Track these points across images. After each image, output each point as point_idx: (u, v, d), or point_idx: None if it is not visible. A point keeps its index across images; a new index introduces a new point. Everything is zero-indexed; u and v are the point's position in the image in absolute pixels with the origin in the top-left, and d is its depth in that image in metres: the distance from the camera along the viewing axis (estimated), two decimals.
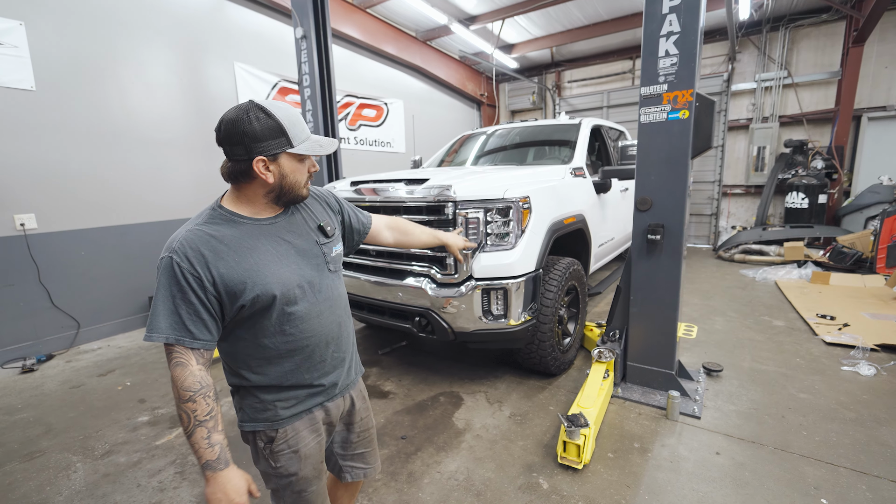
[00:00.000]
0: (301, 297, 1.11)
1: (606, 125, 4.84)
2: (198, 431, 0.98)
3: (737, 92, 7.56)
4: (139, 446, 2.46)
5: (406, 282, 2.73)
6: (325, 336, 1.17)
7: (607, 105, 8.67)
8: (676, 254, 2.59)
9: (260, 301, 1.04)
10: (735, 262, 6.54)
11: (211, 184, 4.97)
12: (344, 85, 6.53)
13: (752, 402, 2.67)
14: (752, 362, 3.20)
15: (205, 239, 1.02)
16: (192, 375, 1.00)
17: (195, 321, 1.00)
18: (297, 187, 1.12)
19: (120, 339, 4.19)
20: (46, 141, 3.80)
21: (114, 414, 2.81)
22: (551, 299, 2.80)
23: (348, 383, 1.30)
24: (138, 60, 4.32)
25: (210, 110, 4.93)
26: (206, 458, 0.98)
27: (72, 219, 3.99)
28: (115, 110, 4.18)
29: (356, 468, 1.40)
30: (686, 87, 2.41)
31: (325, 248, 1.20)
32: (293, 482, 1.18)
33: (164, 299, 0.99)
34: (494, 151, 4.45)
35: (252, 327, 1.07)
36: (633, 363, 2.84)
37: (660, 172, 2.55)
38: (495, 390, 2.94)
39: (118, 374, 3.42)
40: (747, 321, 4.03)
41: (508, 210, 2.57)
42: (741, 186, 7.77)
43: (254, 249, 1.06)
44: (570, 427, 2.11)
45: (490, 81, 9.71)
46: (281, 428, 1.14)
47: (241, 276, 1.02)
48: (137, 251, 4.41)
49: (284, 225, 1.14)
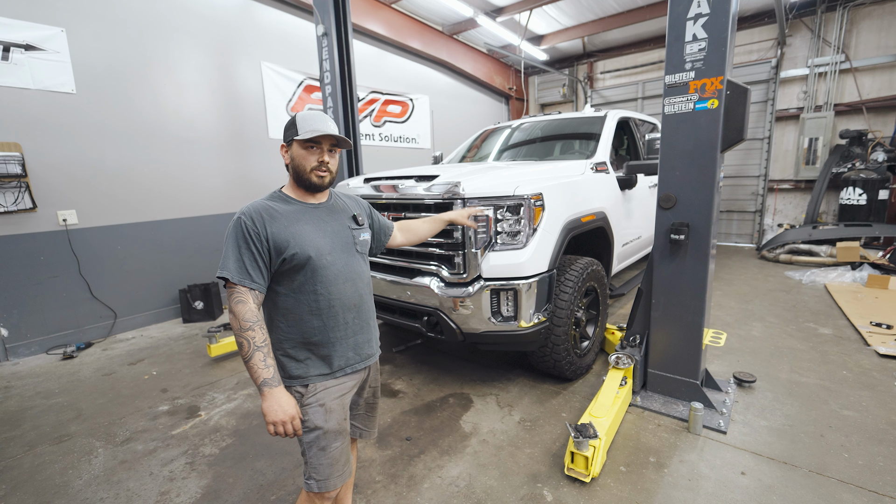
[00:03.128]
0: (331, 263, 1.36)
1: (636, 117, 4.60)
2: (256, 355, 1.23)
3: (786, 79, 6.99)
4: (156, 435, 2.56)
5: (415, 280, 2.69)
6: (348, 301, 1.39)
7: (642, 96, 8.29)
8: (703, 255, 2.40)
9: (297, 258, 1.30)
10: (780, 262, 6.12)
11: (239, 180, 5.12)
12: (369, 81, 6.55)
13: (786, 417, 2.45)
14: (790, 373, 2.95)
15: (265, 207, 1.34)
16: (251, 310, 1.25)
17: (255, 267, 1.28)
18: (303, 171, 1.36)
19: (153, 330, 4.40)
20: (86, 141, 4.02)
21: (138, 402, 2.95)
22: (567, 301, 2.69)
23: (370, 354, 1.50)
24: (170, 62, 4.48)
25: (238, 109, 5.06)
26: (263, 377, 1.22)
27: (109, 215, 4.21)
28: (148, 111, 4.37)
29: (354, 426, 1.61)
30: (715, 74, 2.22)
31: (354, 233, 1.46)
32: (319, 437, 1.34)
33: (232, 248, 1.28)
34: (517, 146, 4.33)
35: (291, 282, 1.33)
36: (654, 370, 2.68)
37: (685, 167, 2.37)
38: (507, 394, 2.86)
39: (146, 363, 3.59)
40: (789, 328, 3.73)
41: (519, 207, 2.47)
42: (789, 181, 7.21)
43: (298, 221, 1.35)
44: (578, 437, 2.00)
45: (519, 74, 9.49)
46: (311, 384, 1.36)
47: (286, 237, 1.30)
48: (169, 246, 4.61)
49: (326, 210, 1.43)
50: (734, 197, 7.60)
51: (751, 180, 7.43)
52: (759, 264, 6.15)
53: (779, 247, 6.30)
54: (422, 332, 2.75)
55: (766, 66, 7.02)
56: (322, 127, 1.34)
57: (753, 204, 7.46)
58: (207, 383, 3.18)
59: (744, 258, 6.59)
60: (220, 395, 2.99)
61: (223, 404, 2.87)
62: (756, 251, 7.00)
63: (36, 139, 3.77)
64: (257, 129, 5.28)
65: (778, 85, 7.00)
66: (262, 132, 5.34)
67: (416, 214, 2.65)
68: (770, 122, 7.08)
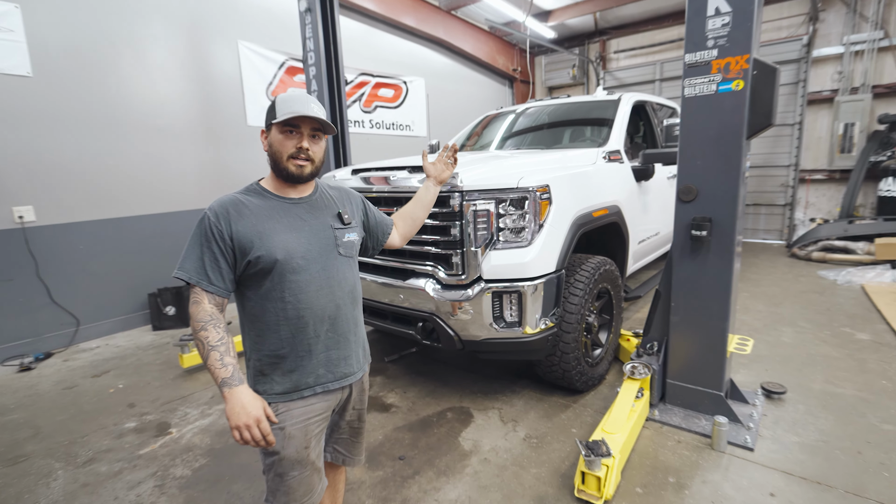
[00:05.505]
0: (303, 267, 1.32)
1: (654, 101, 4.60)
2: (212, 355, 1.21)
3: (819, 58, 6.98)
4: (122, 455, 2.54)
5: (408, 282, 2.67)
6: (320, 312, 1.36)
7: (660, 78, 8.28)
8: (727, 253, 2.39)
9: (263, 261, 1.28)
10: (813, 261, 6.13)
11: (215, 171, 5.10)
12: (358, 62, 6.53)
13: (820, 432, 2.45)
14: (824, 383, 2.94)
15: (235, 202, 1.32)
16: (204, 310, 1.25)
17: (214, 269, 1.27)
18: (280, 159, 1.34)
19: (119, 338, 4.38)
20: (44, 130, 3.99)
21: (102, 418, 2.93)
22: (577, 304, 2.68)
23: (348, 373, 1.45)
24: (137, 42, 4.46)
25: (212, 94, 5.04)
26: (221, 377, 1.20)
27: (70, 211, 4.18)
28: (113, 96, 4.34)
29: (337, 451, 1.59)
30: (740, 53, 2.20)
31: (337, 233, 1.42)
32: (275, 462, 1.34)
33: (194, 246, 1.29)
34: (522, 133, 4.33)
35: (258, 288, 1.31)
36: (673, 381, 2.67)
37: (707, 156, 2.36)
38: (511, 407, 2.85)
39: (112, 375, 3.57)
40: (822, 333, 3.73)
41: (523, 201, 2.46)
42: (823, 171, 7.21)
43: (270, 218, 1.32)
44: (589, 456, 1.99)
45: (524, 54, 9.47)
46: (273, 402, 1.33)
47: (251, 237, 1.28)
48: (137, 245, 4.59)
49: (306, 207, 1.39)
50: (762, 189, 7.60)
51: (780, 170, 7.42)
52: (789, 263, 6.14)
53: (811, 243, 6.30)
54: (416, 339, 2.74)
55: (796, 45, 7.00)
56: (301, 108, 1.30)
57: (783, 196, 7.45)
58: (179, 397, 3.17)
59: (772, 256, 6.58)
60: (193, 411, 2.97)
61: (196, 420, 2.85)
62: (786, 248, 7.00)
63: None
64: (234, 116, 5.25)
65: (810, 65, 6.99)
66: (240, 119, 5.32)
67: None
68: (801, 106, 7.07)
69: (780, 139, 7.33)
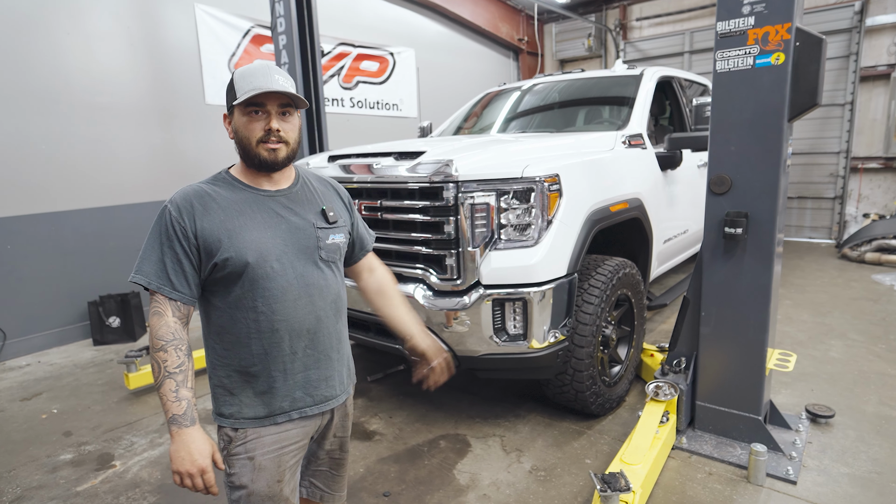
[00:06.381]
0: (279, 273, 1.32)
1: (682, 77, 4.63)
2: (166, 383, 1.21)
3: (874, 28, 7.05)
4: (56, 492, 2.52)
5: None
6: (298, 325, 1.35)
7: (689, 50, 8.35)
8: (766, 254, 2.41)
9: (231, 264, 1.27)
10: (866, 263, 6.18)
11: (169, 158, 5.09)
12: (336, 30, 6.53)
13: (874, 462, 2.47)
14: (879, 405, 2.97)
15: (200, 193, 1.31)
16: (167, 325, 1.25)
17: (178, 272, 1.26)
18: (249, 145, 1.32)
19: (54, 355, 4.35)
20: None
21: (33, 449, 2.91)
22: (591, 314, 2.70)
23: (329, 396, 1.44)
24: (73, 5, 4.43)
25: (165, 66, 5.03)
26: (173, 412, 1.21)
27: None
28: (45, 68, 4.32)
29: (314, 486, 1.59)
30: (781, 21, 2.22)
31: (320, 233, 1.40)
32: (242, 498, 1.34)
33: (153, 245, 1.27)
34: (529, 114, 4.35)
35: (227, 295, 1.31)
36: (703, 403, 2.69)
37: (742, 140, 2.38)
38: (515, 434, 2.86)
39: (45, 398, 3.55)
40: (877, 347, 3.76)
41: (529, 193, 2.47)
42: (878, 159, 7.28)
43: (242, 213, 1.31)
44: (606, 491, 1.99)
45: (532, 22, 9.51)
46: (241, 428, 1.34)
47: (219, 234, 1.27)
48: (75, 244, 4.57)
49: (284, 200, 1.38)
50: (807, 179, 7.67)
51: (828, 158, 7.49)
52: (838, 265, 6.19)
53: (864, 243, 6.35)
54: (404, 355, 2.73)
55: (847, 11, 7.07)
56: (264, 82, 1.27)
57: (832, 188, 7.52)
58: (124, 424, 3.15)
59: (820, 257, 6.63)
60: (140, 440, 2.96)
61: (144, 451, 2.84)
62: (836, 248, 7.05)
63: None
64: (191, 93, 5.24)
65: (863, 35, 7.06)
66: (198, 96, 5.30)
67: (398, 203, 2.65)
68: (853, 84, 7.14)
69: (829, 122, 7.39)
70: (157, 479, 2.59)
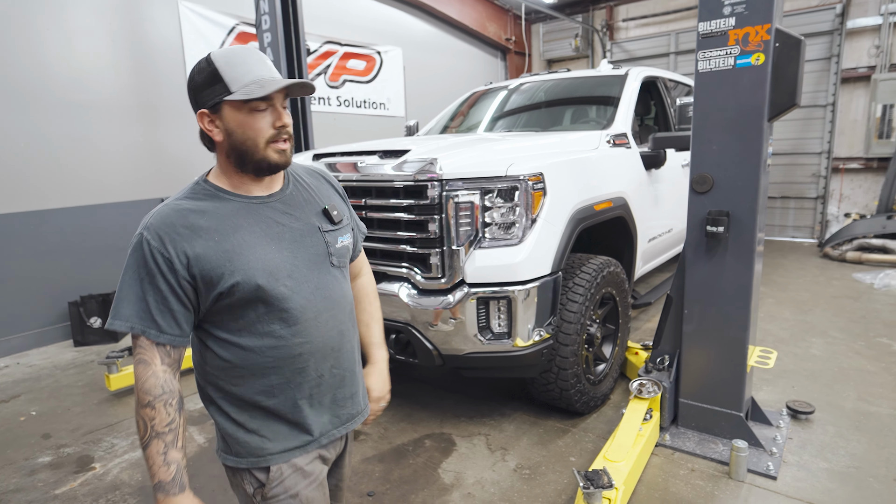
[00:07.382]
0: (294, 291, 1.14)
1: (667, 77, 4.67)
2: (153, 444, 1.05)
3: (854, 30, 7.16)
4: (34, 495, 2.48)
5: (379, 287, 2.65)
6: (324, 345, 1.20)
7: (675, 51, 8.41)
8: (747, 252, 2.44)
9: (240, 290, 1.08)
10: (847, 262, 6.27)
11: (152, 157, 5.03)
12: (322, 29, 6.49)
13: (853, 457, 2.51)
14: (857, 401, 3.02)
15: (182, 213, 1.08)
16: (155, 377, 1.06)
17: (163, 311, 1.06)
18: (256, 148, 1.11)
19: (33, 356, 4.29)
20: None
21: (10, 452, 2.87)
22: (576, 312, 2.71)
23: (353, 413, 1.31)
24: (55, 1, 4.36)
25: (148, 64, 4.97)
26: (160, 478, 1.05)
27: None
28: (25, 65, 4.24)
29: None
30: (761, 22, 2.25)
31: (328, 237, 1.23)
32: None
33: (130, 282, 1.06)
34: (515, 113, 4.36)
35: (233, 325, 1.13)
36: (686, 400, 2.72)
37: (724, 140, 2.41)
38: (500, 433, 2.86)
39: (24, 400, 3.49)
40: (857, 344, 3.83)
41: (513, 192, 2.47)
42: (859, 159, 7.39)
43: (238, 228, 1.11)
44: (588, 488, 2.00)
45: (519, 22, 9.53)
46: (274, 465, 1.17)
47: (219, 258, 1.07)
48: (56, 244, 4.50)
49: (279, 206, 1.19)
50: (789, 179, 7.77)
51: (810, 158, 7.59)
52: (820, 264, 6.28)
53: (845, 242, 6.45)
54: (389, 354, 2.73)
55: (828, 14, 7.17)
56: (267, 72, 1.10)
57: (814, 188, 7.62)
58: (105, 426, 3.11)
59: (802, 256, 6.72)
60: (121, 442, 2.92)
61: (125, 453, 2.81)
62: (818, 248, 7.16)
63: None
64: (175, 90, 5.18)
65: (844, 37, 7.17)
66: (181, 93, 5.21)
67: (383, 201, 2.64)
68: (834, 85, 7.24)
69: (811, 123, 7.49)
70: (138, 481, 2.56)
